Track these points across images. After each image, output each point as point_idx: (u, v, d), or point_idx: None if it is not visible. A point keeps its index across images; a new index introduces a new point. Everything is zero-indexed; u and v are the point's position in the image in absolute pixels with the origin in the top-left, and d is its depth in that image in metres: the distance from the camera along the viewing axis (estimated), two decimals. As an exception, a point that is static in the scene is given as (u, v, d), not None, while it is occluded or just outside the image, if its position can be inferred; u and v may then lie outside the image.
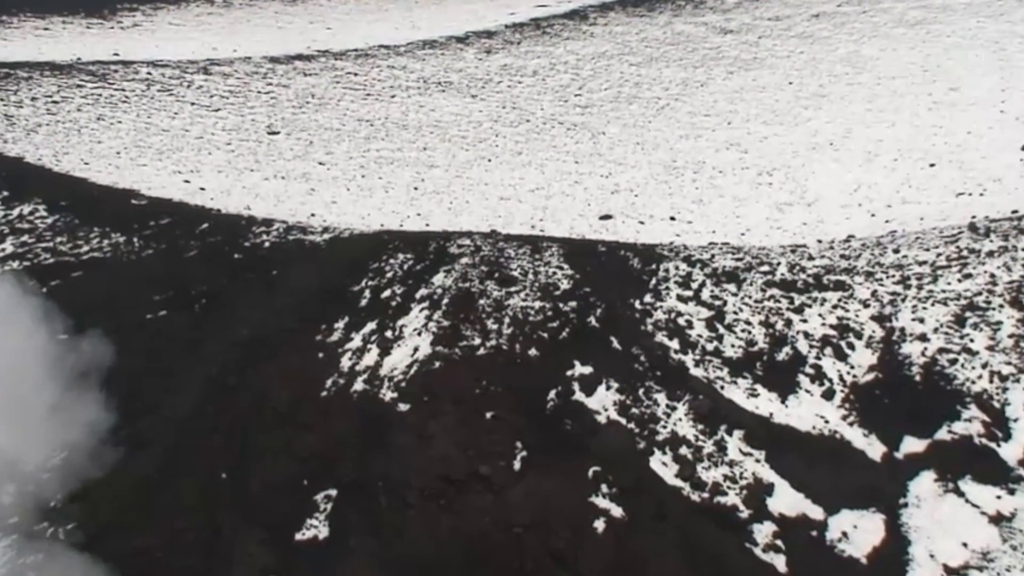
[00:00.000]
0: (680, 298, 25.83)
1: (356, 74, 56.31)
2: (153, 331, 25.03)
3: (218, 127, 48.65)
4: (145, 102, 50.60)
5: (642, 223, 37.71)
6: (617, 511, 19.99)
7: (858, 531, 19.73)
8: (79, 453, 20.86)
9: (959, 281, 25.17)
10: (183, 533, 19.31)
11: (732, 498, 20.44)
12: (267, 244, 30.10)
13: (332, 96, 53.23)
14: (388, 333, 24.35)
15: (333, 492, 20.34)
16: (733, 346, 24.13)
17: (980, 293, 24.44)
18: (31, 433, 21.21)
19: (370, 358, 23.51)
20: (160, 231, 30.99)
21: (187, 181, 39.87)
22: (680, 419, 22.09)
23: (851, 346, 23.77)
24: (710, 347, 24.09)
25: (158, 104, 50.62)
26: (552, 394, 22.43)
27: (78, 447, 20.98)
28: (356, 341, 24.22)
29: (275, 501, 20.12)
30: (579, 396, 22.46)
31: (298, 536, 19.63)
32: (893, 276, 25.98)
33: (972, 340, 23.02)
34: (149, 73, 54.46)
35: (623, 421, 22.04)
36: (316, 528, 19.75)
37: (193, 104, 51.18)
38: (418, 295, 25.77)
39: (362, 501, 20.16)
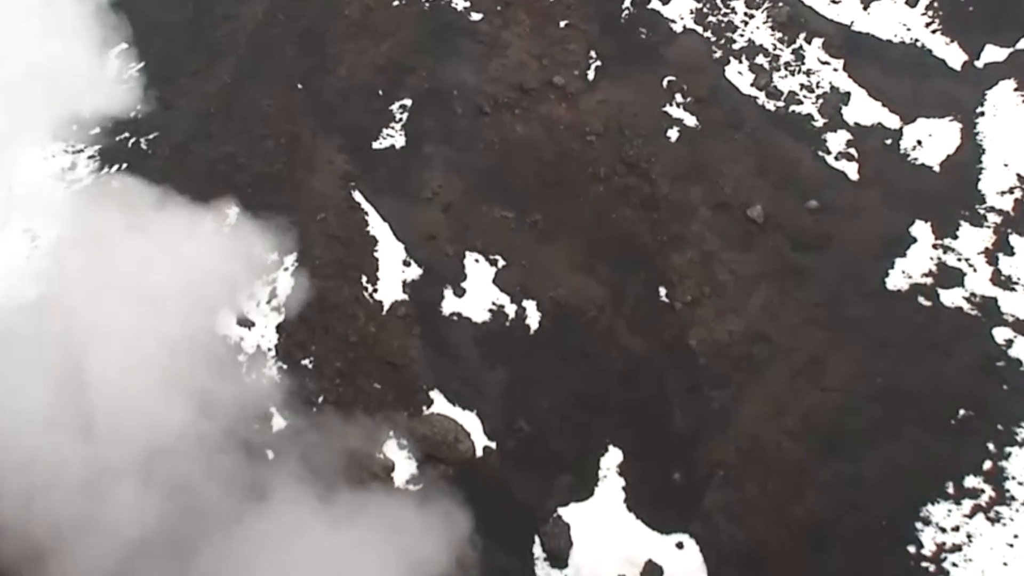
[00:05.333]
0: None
1: None
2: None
3: None
4: None
5: None
6: (691, 120, 20.13)
7: (933, 139, 19.73)
8: (155, 63, 21.03)
9: None
10: (263, 140, 19.73)
11: (808, 107, 20.40)
12: None
13: None
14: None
15: (408, 102, 20.53)
16: (817, -50, 23.10)
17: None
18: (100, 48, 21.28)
19: (441, -36, 22.88)
20: None
21: None
22: (758, 27, 21.63)
23: (940, -50, 22.65)
24: (792, -50, 23.09)
25: None
26: (627, 2, 21.93)
27: (153, 56, 21.12)
28: (428, -52, 23.48)
29: (351, 110, 20.40)
30: (655, 4, 21.95)
31: (375, 144, 20.05)
32: None
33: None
34: None
35: (699, 30, 21.66)
36: (392, 137, 20.13)
37: None
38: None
39: (437, 110, 20.42)
